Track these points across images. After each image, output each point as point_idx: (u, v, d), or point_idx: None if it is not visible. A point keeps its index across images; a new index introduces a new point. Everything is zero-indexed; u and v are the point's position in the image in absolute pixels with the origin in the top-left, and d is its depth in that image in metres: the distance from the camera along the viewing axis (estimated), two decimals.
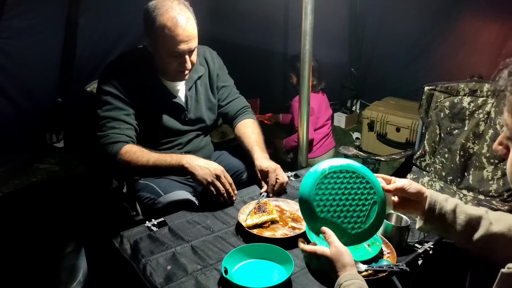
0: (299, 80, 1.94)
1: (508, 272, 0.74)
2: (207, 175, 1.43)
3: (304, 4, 1.78)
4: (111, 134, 1.54)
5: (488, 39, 3.21)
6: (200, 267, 1.17)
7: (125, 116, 1.57)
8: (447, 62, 3.55)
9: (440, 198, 1.06)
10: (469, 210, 1.04)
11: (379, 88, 4.19)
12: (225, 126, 3.37)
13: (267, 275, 1.15)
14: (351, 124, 4.37)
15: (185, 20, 1.49)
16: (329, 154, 3.29)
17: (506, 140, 0.80)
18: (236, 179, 1.78)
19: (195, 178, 1.44)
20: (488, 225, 1.01)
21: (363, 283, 0.94)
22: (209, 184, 1.43)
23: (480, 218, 1.03)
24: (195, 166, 1.45)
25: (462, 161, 2.02)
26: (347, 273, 0.95)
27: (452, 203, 1.06)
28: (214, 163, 1.50)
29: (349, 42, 4.34)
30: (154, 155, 1.52)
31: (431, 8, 3.56)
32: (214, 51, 1.84)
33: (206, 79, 1.77)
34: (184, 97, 1.70)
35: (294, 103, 3.30)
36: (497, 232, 0.99)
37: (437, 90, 2.12)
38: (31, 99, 3.00)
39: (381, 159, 2.37)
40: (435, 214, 1.06)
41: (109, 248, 1.28)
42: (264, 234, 1.30)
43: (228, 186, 1.47)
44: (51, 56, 3.01)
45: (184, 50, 1.51)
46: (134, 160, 1.50)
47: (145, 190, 1.67)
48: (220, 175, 1.45)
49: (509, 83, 0.75)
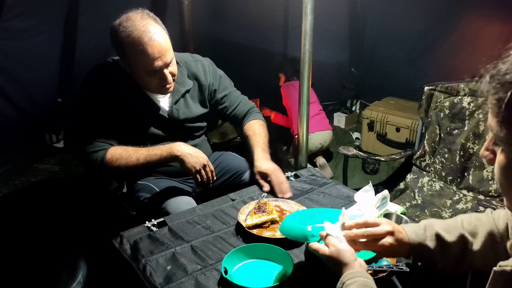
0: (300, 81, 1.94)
1: (500, 270, 0.75)
2: (196, 163, 1.51)
3: (304, 4, 1.78)
4: (94, 143, 1.53)
5: (488, 39, 3.21)
6: (200, 267, 1.17)
7: (106, 125, 1.56)
8: (447, 62, 3.55)
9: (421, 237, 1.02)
10: (447, 238, 1.01)
11: (379, 88, 4.19)
12: (225, 126, 3.37)
13: (267, 275, 1.15)
14: (351, 124, 4.37)
15: (153, 37, 1.40)
16: (325, 135, 3.34)
17: (492, 146, 0.79)
18: (236, 179, 1.79)
19: (185, 165, 1.51)
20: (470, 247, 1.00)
21: (366, 279, 0.93)
22: (197, 172, 1.51)
23: (460, 243, 1.01)
24: (186, 154, 1.51)
25: (462, 161, 2.02)
26: (350, 271, 0.95)
27: (432, 237, 1.02)
28: (200, 152, 1.55)
29: (349, 42, 4.34)
30: (142, 151, 1.53)
31: (432, 8, 3.56)
32: (209, 62, 1.76)
33: (196, 92, 1.71)
34: (168, 108, 1.64)
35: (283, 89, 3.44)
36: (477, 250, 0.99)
37: (437, 90, 2.12)
38: (31, 99, 3.00)
39: (381, 159, 2.37)
40: (421, 254, 1.03)
41: (109, 248, 1.28)
42: (264, 234, 1.30)
43: (210, 175, 1.55)
44: (51, 56, 3.01)
45: (160, 67, 1.44)
46: (123, 162, 1.52)
47: (144, 191, 1.67)
48: (206, 164, 1.53)
49: (490, 88, 0.74)
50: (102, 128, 1.56)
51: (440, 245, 1.02)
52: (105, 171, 1.54)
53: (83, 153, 1.55)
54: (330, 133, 3.42)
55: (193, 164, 1.50)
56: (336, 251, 0.98)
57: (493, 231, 0.99)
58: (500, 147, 0.75)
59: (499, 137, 0.73)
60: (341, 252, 0.98)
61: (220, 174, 1.81)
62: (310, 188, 1.65)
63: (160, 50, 1.42)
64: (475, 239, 1.01)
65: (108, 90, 1.55)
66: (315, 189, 1.64)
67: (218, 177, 1.77)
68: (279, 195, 1.53)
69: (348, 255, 0.97)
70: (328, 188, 1.65)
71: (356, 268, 0.95)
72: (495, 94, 0.72)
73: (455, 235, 1.02)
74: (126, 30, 1.40)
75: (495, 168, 0.78)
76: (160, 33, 1.44)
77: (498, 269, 0.75)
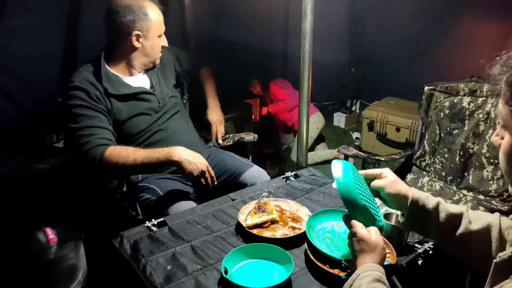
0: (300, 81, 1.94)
1: (500, 261, 0.75)
2: (195, 170, 1.50)
3: (304, 4, 1.79)
4: (92, 140, 1.55)
5: (487, 39, 3.21)
6: (200, 267, 1.17)
7: (100, 122, 1.59)
8: (447, 62, 3.55)
9: (423, 196, 1.06)
10: (450, 208, 1.04)
11: (379, 88, 4.19)
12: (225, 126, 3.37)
13: (267, 275, 1.15)
14: (351, 124, 4.37)
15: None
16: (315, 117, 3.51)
17: (501, 131, 0.80)
18: (233, 180, 1.80)
19: (184, 171, 1.51)
20: (467, 224, 1.01)
21: (381, 274, 0.92)
22: (196, 178, 1.52)
23: (461, 215, 1.03)
24: (184, 160, 1.50)
25: (462, 161, 2.03)
26: (368, 264, 0.94)
27: (434, 201, 1.06)
28: (200, 157, 1.55)
29: (349, 42, 4.33)
30: (140, 153, 1.54)
31: (431, 8, 3.55)
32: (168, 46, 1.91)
33: (163, 69, 1.88)
34: (149, 85, 1.78)
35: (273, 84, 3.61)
36: (475, 230, 1.00)
37: (437, 90, 2.12)
38: (32, 99, 3.00)
39: (381, 159, 2.37)
40: (417, 211, 1.05)
41: (109, 248, 1.28)
42: (264, 234, 1.30)
43: (209, 180, 1.56)
44: (52, 55, 3.01)
45: (163, 30, 1.74)
46: (121, 161, 1.52)
47: (146, 192, 1.67)
48: (205, 170, 1.53)
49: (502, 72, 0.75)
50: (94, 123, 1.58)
51: (440, 209, 1.04)
52: (102, 168, 1.54)
53: (80, 150, 1.56)
54: (319, 113, 3.59)
55: (191, 171, 1.50)
56: (375, 241, 0.97)
57: (495, 222, 1.00)
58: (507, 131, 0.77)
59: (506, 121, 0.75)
60: (378, 245, 0.97)
61: (219, 174, 1.81)
62: (310, 188, 1.65)
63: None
64: (476, 221, 1.01)
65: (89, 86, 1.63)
66: (315, 189, 1.64)
67: (217, 177, 1.77)
68: (213, 139, 1.99)
69: (383, 252, 0.97)
70: (328, 188, 1.65)
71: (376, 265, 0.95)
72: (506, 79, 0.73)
73: (457, 209, 1.04)
74: (140, 1, 1.64)
75: (500, 153, 0.79)
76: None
77: (498, 260, 0.76)
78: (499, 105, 0.77)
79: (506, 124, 0.77)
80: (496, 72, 0.77)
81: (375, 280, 0.90)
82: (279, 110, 3.57)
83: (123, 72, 1.73)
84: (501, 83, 0.76)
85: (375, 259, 0.96)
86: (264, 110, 3.72)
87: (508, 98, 0.74)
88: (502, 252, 0.77)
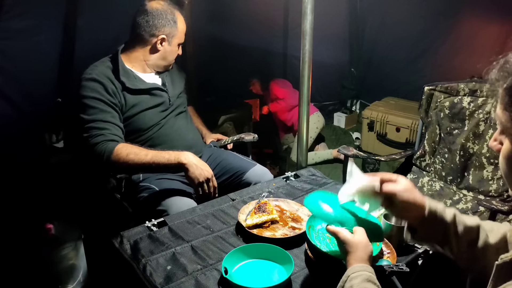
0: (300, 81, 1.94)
1: (502, 263, 0.75)
2: (200, 176, 1.53)
3: (304, 4, 1.78)
4: (103, 134, 1.56)
5: (488, 39, 3.21)
6: (200, 267, 1.17)
7: (112, 118, 1.61)
8: (447, 62, 3.55)
9: (440, 207, 1.01)
10: (466, 220, 1.00)
11: (379, 88, 4.19)
12: (225, 126, 3.38)
13: (267, 275, 1.15)
14: (351, 124, 4.37)
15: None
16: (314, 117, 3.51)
17: (499, 136, 0.79)
18: (237, 179, 1.80)
19: (189, 174, 1.53)
20: (485, 237, 0.98)
21: (371, 274, 0.93)
22: (199, 184, 1.54)
23: (478, 228, 0.99)
24: (192, 164, 1.54)
25: (462, 161, 2.02)
26: (357, 265, 0.94)
27: (450, 213, 1.01)
28: (207, 166, 1.58)
29: (349, 42, 4.33)
30: (150, 152, 1.56)
31: (431, 8, 3.56)
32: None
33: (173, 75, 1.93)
34: (161, 83, 1.82)
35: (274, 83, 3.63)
36: (492, 244, 0.97)
37: (437, 90, 2.11)
38: (30, 99, 2.99)
39: (381, 159, 2.37)
40: (433, 223, 0.99)
41: (109, 248, 1.28)
42: (264, 234, 1.30)
43: (211, 190, 1.58)
44: (50, 56, 3.00)
45: (183, 40, 1.81)
46: (130, 159, 1.53)
47: (147, 192, 1.67)
48: (210, 178, 1.56)
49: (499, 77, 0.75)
50: (106, 118, 1.59)
51: (457, 222, 0.99)
52: (109, 164, 1.55)
53: (89, 143, 1.56)
54: (319, 113, 3.60)
55: (197, 176, 1.53)
56: (359, 240, 0.98)
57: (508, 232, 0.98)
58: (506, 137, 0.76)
59: (506, 126, 0.74)
60: (359, 243, 0.97)
61: (221, 174, 1.81)
62: (310, 188, 1.65)
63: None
64: (491, 234, 0.99)
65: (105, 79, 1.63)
66: (315, 189, 1.64)
67: (219, 176, 1.78)
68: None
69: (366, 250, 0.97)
70: (328, 188, 1.65)
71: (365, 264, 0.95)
72: (504, 83, 0.73)
73: (472, 220, 1.00)
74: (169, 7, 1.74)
75: (500, 158, 0.79)
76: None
77: (500, 262, 0.75)
78: (497, 110, 0.76)
79: (505, 130, 0.76)
80: (493, 77, 0.76)
81: (365, 280, 0.91)
82: (279, 108, 3.57)
83: (138, 69, 1.76)
84: (499, 89, 0.75)
85: (361, 257, 0.96)
86: (265, 109, 3.73)
87: (506, 104, 0.73)
88: (504, 254, 0.77)
